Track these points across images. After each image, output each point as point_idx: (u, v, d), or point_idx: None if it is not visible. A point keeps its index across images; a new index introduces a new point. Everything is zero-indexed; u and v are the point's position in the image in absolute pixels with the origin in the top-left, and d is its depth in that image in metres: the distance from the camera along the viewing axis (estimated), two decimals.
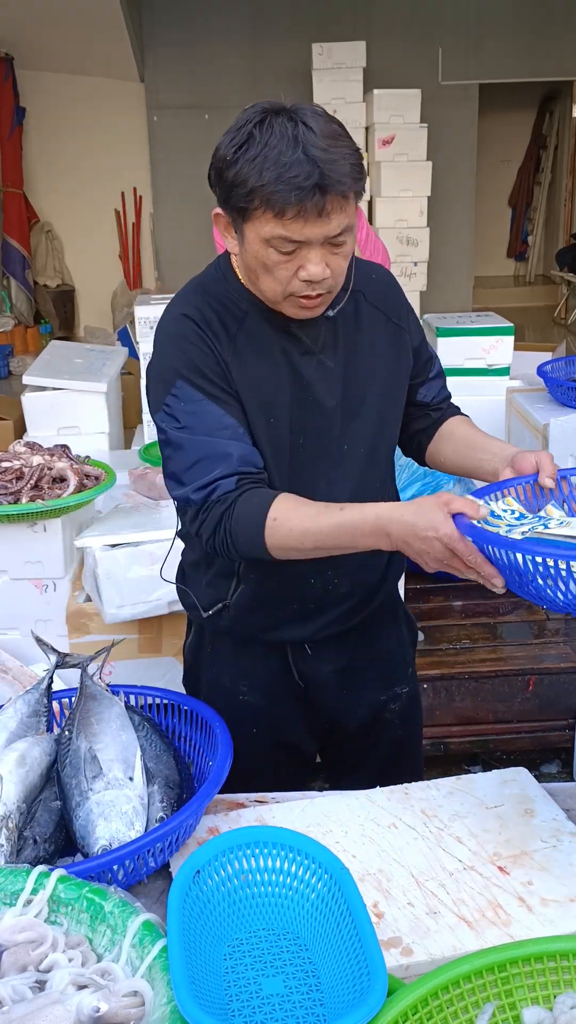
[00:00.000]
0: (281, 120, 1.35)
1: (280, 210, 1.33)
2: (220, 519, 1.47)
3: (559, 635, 3.01)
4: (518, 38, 7.83)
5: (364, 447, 1.61)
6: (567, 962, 1.08)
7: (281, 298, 1.45)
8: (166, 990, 0.95)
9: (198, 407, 1.48)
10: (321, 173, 1.31)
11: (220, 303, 1.53)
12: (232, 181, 1.36)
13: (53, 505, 2.56)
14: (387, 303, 1.63)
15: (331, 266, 1.41)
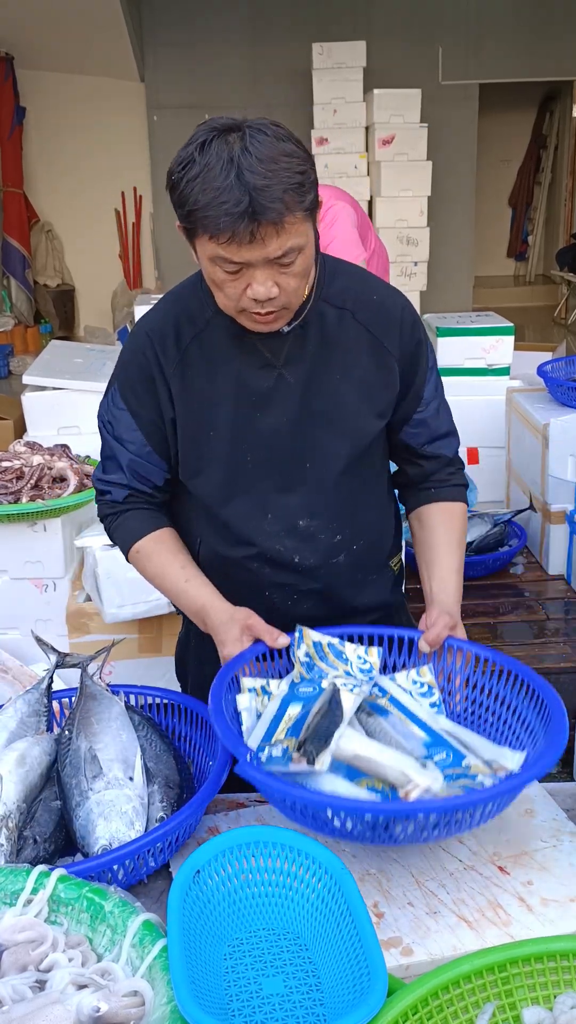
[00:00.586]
0: (223, 141, 1.33)
1: (213, 234, 1.34)
2: (106, 517, 1.72)
3: (559, 635, 3.01)
4: (518, 38, 7.84)
5: (334, 463, 1.59)
6: (567, 962, 1.08)
7: (236, 312, 1.46)
8: (166, 990, 0.95)
9: (119, 413, 1.62)
10: (251, 200, 1.30)
11: (186, 311, 1.56)
12: (176, 199, 1.38)
13: (53, 505, 2.56)
14: (381, 326, 1.59)
15: (280, 285, 1.40)
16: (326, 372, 1.57)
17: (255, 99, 7.85)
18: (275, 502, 1.60)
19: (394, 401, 1.64)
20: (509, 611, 3.15)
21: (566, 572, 3.13)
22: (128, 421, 1.61)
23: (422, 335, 1.66)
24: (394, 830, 1.25)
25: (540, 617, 3.11)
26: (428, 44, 7.75)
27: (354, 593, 1.70)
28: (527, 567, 3.32)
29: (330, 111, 7.06)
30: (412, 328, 1.63)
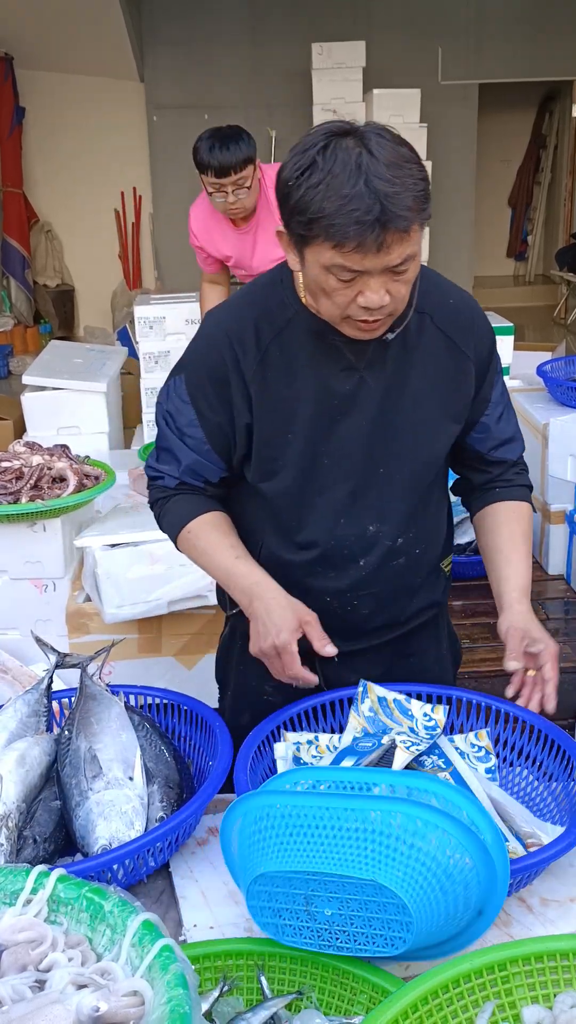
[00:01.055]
0: (345, 145, 1.30)
1: (339, 242, 1.30)
2: (157, 501, 1.67)
3: (559, 635, 3.01)
4: (518, 38, 7.83)
5: (406, 470, 1.58)
6: (567, 962, 1.08)
7: (339, 320, 1.42)
8: (166, 989, 0.95)
9: (180, 406, 1.58)
10: (382, 208, 1.27)
11: (266, 310, 1.52)
12: (294, 207, 1.33)
13: (53, 505, 2.56)
14: (456, 328, 1.57)
15: (392, 292, 1.37)
16: (406, 377, 1.54)
17: (255, 99, 7.84)
18: (347, 506, 1.58)
19: (469, 406, 1.62)
20: None
21: (566, 572, 3.13)
22: (191, 416, 1.57)
23: (494, 338, 1.65)
24: None
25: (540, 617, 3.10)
26: (428, 44, 7.74)
27: (409, 596, 1.69)
28: None
29: (330, 111, 7.05)
30: (487, 331, 1.63)
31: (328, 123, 1.36)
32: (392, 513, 1.60)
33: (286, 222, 1.37)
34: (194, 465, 1.59)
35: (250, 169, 3.36)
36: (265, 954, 1.19)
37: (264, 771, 1.52)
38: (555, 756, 1.53)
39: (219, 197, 3.39)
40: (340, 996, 1.15)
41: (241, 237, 3.62)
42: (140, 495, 3.18)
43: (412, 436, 1.56)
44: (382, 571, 1.62)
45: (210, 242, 3.68)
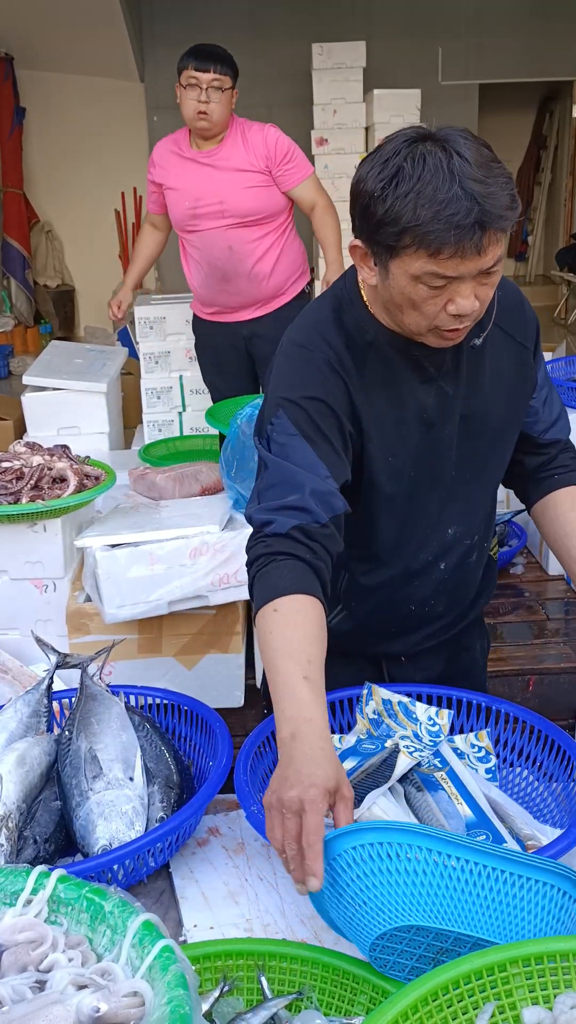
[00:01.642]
0: (431, 150, 1.27)
1: (436, 249, 1.26)
2: (256, 560, 1.41)
3: (559, 635, 3.01)
4: (518, 38, 7.83)
5: (477, 473, 1.59)
6: (567, 962, 1.08)
7: (425, 331, 1.39)
8: (166, 990, 0.95)
9: (289, 440, 1.44)
10: (481, 209, 1.24)
11: (346, 333, 1.48)
12: (381, 218, 1.28)
13: (53, 505, 2.56)
14: (514, 322, 1.57)
15: (480, 297, 1.35)
16: (478, 380, 1.53)
17: (255, 99, 7.83)
18: (436, 516, 1.58)
19: (531, 395, 1.62)
20: (509, 611, 3.15)
21: (566, 572, 3.13)
22: (304, 447, 1.43)
23: (538, 319, 1.63)
24: None
25: (540, 617, 3.11)
26: (428, 44, 7.74)
27: (474, 586, 1.72)
28: (527, 567, 3.32)
29: (330, 111, 7.06)
30: (533, 315, 1.62)
31: (402, 130, 1.32)
32: (472, 514, 1.62)
33: (368, 236, 1.33)
34: (318, 488, 1.41)
35: (229, 80, 3.45)
36: (265, 954, 1.19)
37: (264, 771, 1.52)
38: (555, 756, 1.53)
39: (192, 94, 3.42)
40: (340, 996, 1.15)
41: (201, 172, 3.58)
42: (140, 495, 3.18)
43: (489, 439, 1.57)
44: (458, 570, 1.65)
45: (165, 174, 3.66)
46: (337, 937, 1.28)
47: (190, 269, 3.80)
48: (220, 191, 3.56)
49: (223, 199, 3.55)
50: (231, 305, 3.78)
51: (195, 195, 3.59)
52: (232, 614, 2.61)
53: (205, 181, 3.58)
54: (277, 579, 1.36)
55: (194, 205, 3.59)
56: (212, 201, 3.56)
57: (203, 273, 3.72)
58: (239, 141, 3.58)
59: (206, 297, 3.81)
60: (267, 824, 1.17)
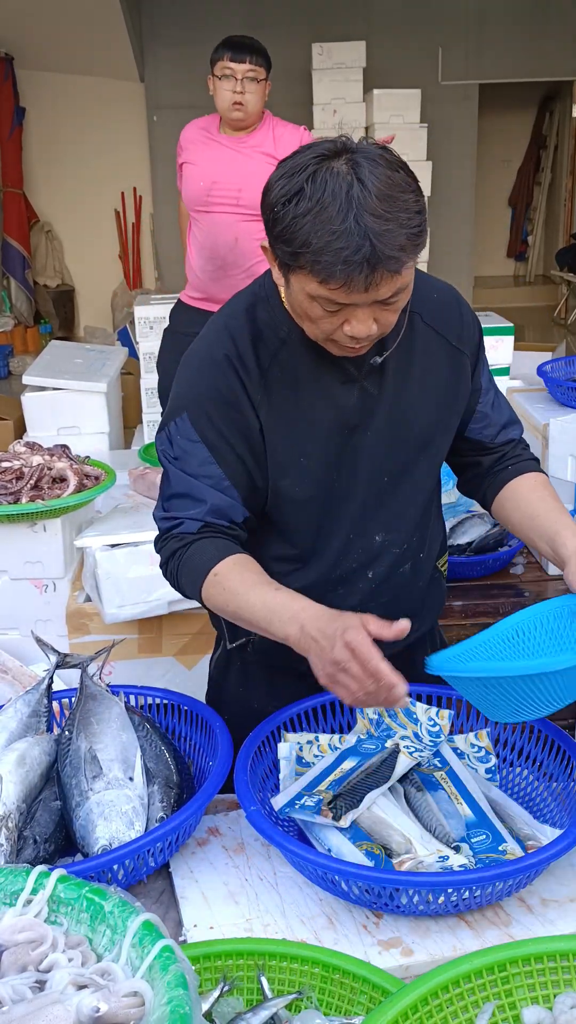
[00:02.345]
0: (336, 171, 1.22)
1: (325, 279, 1.24)
2: (173, 554, 1.48)
3: None
4: (518, 38, 7.83)
5: (405, 478, 1.54)
6: (567, 962, 1.08)
7: (324, 341, 1.38)
8: (166, 990, 0.95)
9: (190, 446, 1.46)
10: (372, 248, 1.20)
11: (257, 330, 1.45)
12: (279, 233, 1.27)
13: (53, 505, 2.56)
14: (447, 324, 1.53)
15: (380, 321, 1.32)
16: (406, 382, 1.50)
17: None
18: (357, 521, 1.54)
19: (467, 400, 1.59)
20: (509, 611, 3.14)
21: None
22: (204, 455, 1.45)
23: (480, 324, 1.61)
24: (399, 899, 1.28)
25: None
26: (428, 44, 7.74)
27: (416, 600, 1.66)
28: (527, 567, 3.31)
29: (330, 111, 7.06)
30: (474, 320, 1.59)
31: (319, 142, 1.27)
32: (399, 521, 1.57)
33: (271, 243, 1.31)
34: (218, 503, 1.46)
35: (263, 72, 3.44)
36: (265, 954, 1.19)
37: (264, 771, 1.52)
38: (555, 756, 1.53)
39: (227, 84, 3.41)
40: (340, 996, 1.15)
41: (225, 154, 3.54)
42: (140, 495, 3.17)
43: (417, 443, 1.53)
44: (390, 580, 1.59)
45: (190, 153, 3.61)
46: (337, 937, 1.28)
47: (193, 251, 3.73)
48: (240, 178, 3.51)
49: (241, 187, 3.50)
50: (220, 298, 3.73)
51: (213, 176, 3.54)
52: None
53: (227, 164, 3.54)
54: (200, 556, 1.44)
55: (210, 187, 3.54)
56: (230, 187, 3.51)
57: (204, 257, 3.66)
58: (270, 134, 3.56)
59: (200, 283, 3.73)
60: (338, 692, 1.29)
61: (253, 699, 1.69)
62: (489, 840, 1.38)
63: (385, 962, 1.23)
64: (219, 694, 1.78)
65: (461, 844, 1.38)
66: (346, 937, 1.28)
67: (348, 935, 1.29)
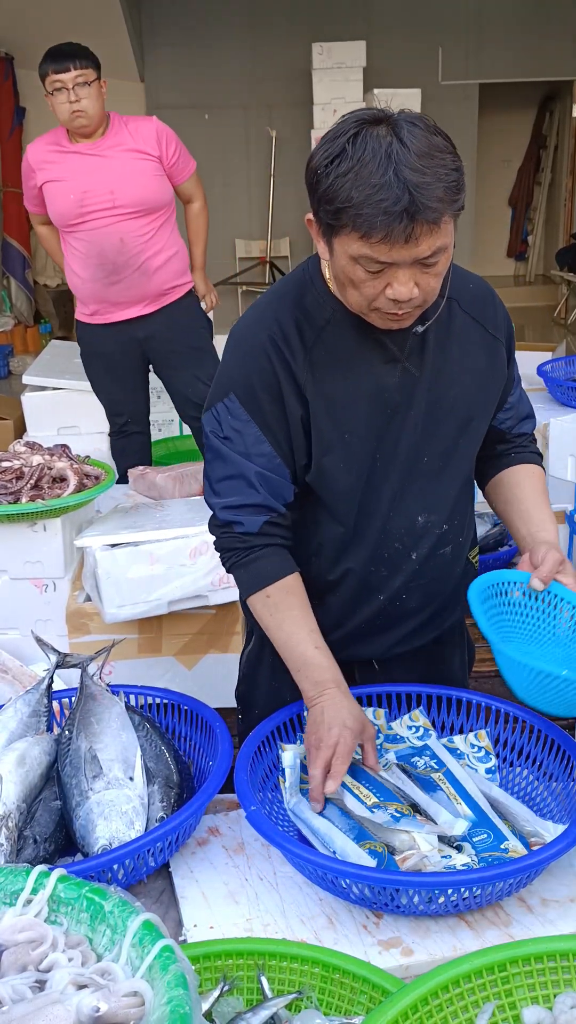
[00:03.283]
0: (377, 133, 1.27)
1: (366, 232, 1.28)
2: (233, 551, 1.57)
3: None
4: (518, 38, 7.84)
5: (443, 459, 1.57)
6: (567, 962, 1.08)
7: (367, 310, 1.40)
8: (166, 990, 0.95)
9: (242, 426, 1.50)
10: (411, 198, 1.24)
11: (302, 311, 1.49)
12: (322, 195, 1.31)
13: (53, 505, 2.56)
14: (483, 312, 1.58)
15: (420, 285, 1.35)
16: (445, 364, 1.53)
17: (255, 99, 7.84)
18: (399, 500, 1.56)
19: (503, 388, 1.62)
20: None
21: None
22: (255, 434, 1.50)
23: (510, 319, 1.64)
24: (399, 899, 1.28)
25: None
26: (428, 44, 7.75)
27: (450, 584, 1.68)
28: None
29: (330, 111, 7.06)
30: (505, 312, 1.63)
31: (360, 110, 1.32)
32: (440, 502, 1.60)
33: (315, 210, 1.35)
34: (273, 485, 1.52)
35: (93, 72, 3.35)
36: (265, 954, 1.19)
37: (264, 771, 1.52)
38: (555, 756, 1.53)
39: (61, 98, 3.33)
40: (340, 996, 1.15)
41: (88, 162, 3.45)
42: (140, 495, 3.17)
43: (455, 425, 1.56)
44: (431, 561, 1.62)
45: (46, 173, 3.49)
46: (337, 937, 1.28)
47: (74, 266, 3.63)
48: (110, 181, 3.45)
49: (113, 189, 3.44)
50: (119, 301, 3.63)
51: (82, 187, 3.45)
52: (232, 614, 2.61)
53: (93, 171, 3.45)
54: (259, 568, 1.54)
55: (81, 198, 3.45)
56: (102, 192, 3.44)
57: (91, 267, 3.56)
58: (124, 130, 3.49)
59: (91, 294, 3.65)
60: (310, 759, 1.45)
61: (285, 691, 1.68)
62: (491, 839, 1.38)
63: (385, 962, 1.23)
64: (251, 688, 1.81)
65: (463, 844, 1.38)
66: (346, 937, 1.28)
67: (348, 935, 1.29)
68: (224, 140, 7.99)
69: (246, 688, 1.82)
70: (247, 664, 1.82)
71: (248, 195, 8.17)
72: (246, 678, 1.83)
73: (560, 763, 1.52)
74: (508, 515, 1.68)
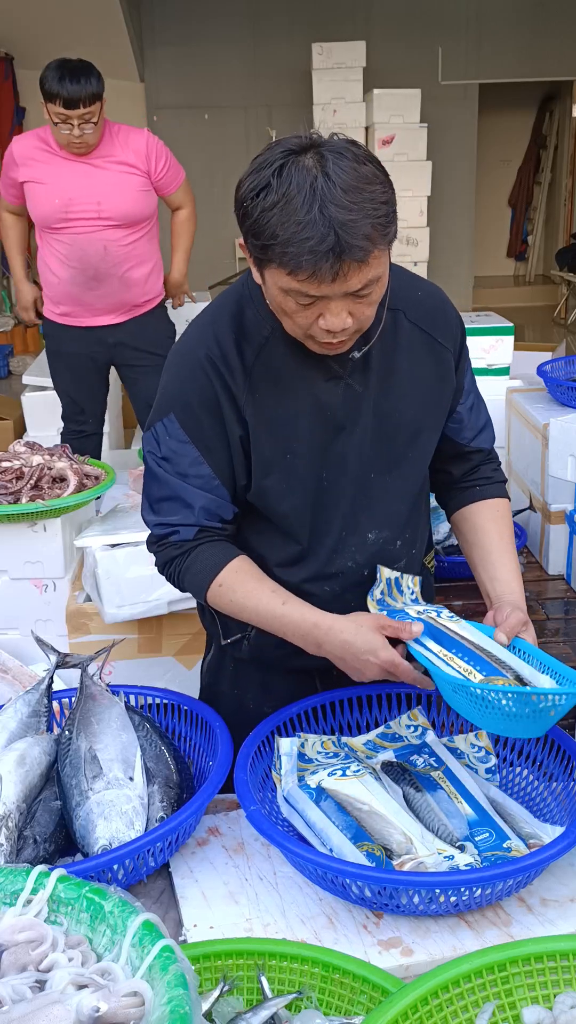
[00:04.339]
0: (303, 165, 1.24)
1: (292, 270, 1.26)
2: (172, 560, 1.55)
3: (559, 635, 3.00)
4: (518, 38, 7.84)
5: (394, 474, 1.55)
6: (567, 962, 1.08)
7: (303, 337, 1.39)
8: (166, 990, 0.95)
9: (179, 447, 1.48)
10: (337, 238, 1.22)
11: (241, 328, 1.46)
12: (248, 228, 1.28)
13: (53, 505, 2.56)
14: (432, 322, 1.54)
15: (354, 315, 1.33)
16: (391, 377, 1.50)
17: (255, 99, 7.84)
18: (348, 517, 1.55)
19: (451, 398, 1.60)
20: None
21: (566, 572, 3.13)
22: (193, 455, 1.47)
23: (463, 324, 1.62)
24: (399, 899, 1.28)
25: (540, 617, 3.11)
26: (428, 44, 7.75)
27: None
28: (527, 567, 3.31)
29: (330, 111, 7.07)
30: (457, 318, 1.60)
31: (288, 138, 1.29)
32: (391, 518, 1.58)
33: (244, 239, 1.33)
34: (208, 505, 1.50)
35: (98, 105, 3.33)
36: (265, 954, 1.19)
37: (264, 771, 1.52)
38: (555, 756, 1.53)
39: (64, 129, 3.31)
40: (340, 996, 1.15)
41: (77, 169, 3.42)
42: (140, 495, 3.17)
43: (405, 439, 1.54)
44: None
45: (31, 171, 3.45)
46: (337, 937, 1.28)
47: (52, 265, 3.60)
48: (98, 191, 3.43)
49: (100, 200, 3.43)
50: (94, 307, 3.61)
51: (67, 194, 3.42)
52: None
53: (80, 181, 3.42)
54: (203, 563, 1.51)
55: (66, 204, 3.43)
56: (88, 201, 3.42)
57: (71, 270, 3.53)
58: (114, 141, 3.47)
59: (67, 295, 3.60)
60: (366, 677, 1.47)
61: (248, 699, 1.70)
62: (493, 838, 1.39)
63: (385, 962, 1.24)
64: (213, 697, 1.78)
65: (465, 843, 1.38)
66: (346, 937, 1.28)
67: (348, 935, 1.29)
68: (224, 140, 8.00)
69: (209, 697, 1.78)
70: (208, 674, 1.80)
71: None
72: (208, 688, 1.80)
73: (560, 763, 1.52)
74: (473, 563, 1.67)
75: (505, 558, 1.63)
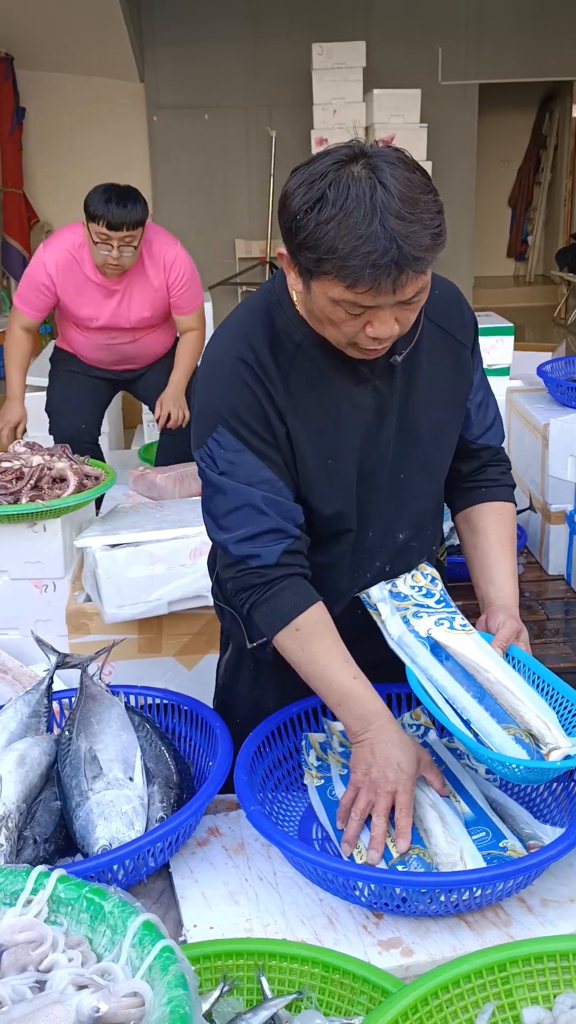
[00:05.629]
0: (357, 175, 1.23)
1: (352, 283, 1.25)
2: (252, 588, 1.48)
3: (559, 635, 3.00)
4: (518, 38, 7.84)
5: (420, 474, 1.56)
6: (567, 962, 1.08)
7: (344, 345, 1.38)
8: (166, 990, 0.95)
9: (237, 456, 1.44)
10: (399, 250, 1.22)
11: (272, 335, 1.45)
12: (302, 241, 1.26)
13: (53, 505, 2.56)
14: (450, 319, 1.55)
15: (400, 320, 1.33)
16: (414, 378, 1.51)
17: (255, 99, 7.84)
18: (383, 520, 1.55)
19: (468, 394, 1.61)
20: None
21: (566, 572, 3.13)
22: (252, 462, 1.44)
23: (476, 320, 1.62)
24: (399, 899, 1.28)
25: (540, 617, 3.11)
26: (428, 44, 7.75)
27: None
28: (527, 567, 3.31)
29: (330, 111, 7.07)
30: (472, 314, 1.60)
31: (335, 149, 1.28)
32: (419, 517, 1.60)
33: (291, 251, 1.31)
34: (282, 508, 1.46)
35: (140, 231, 3.35)
36: (265, 954, 1.19)
37: (264, 771, 1.52)
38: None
39: (104, 249, 3.33)
40: (340, 996, 1.15)
41: (104, 294, 3.47)
42: (140, 495, 3.17)
43: (429, 438, 1.55)
44: (403, 570, 1.62)
45: (64, 290, 3.50)
46: (337, 937, 1.28)
47: (74, 341, 3.66)
48: (128, 312, 3.50)
49: (131, 317, 3.52)
50: (108, 361, 3.70)
51: (97, 315, 3.50)
52: None
53: (116, 306, 3.49)
54: (283, 602, 1.46)
55: (97, 320, 3.51)
56: (119, 320, 3.51)
57: (100, 350, 3.62)
58: (144, 259, 3.47)
59: (88, 355, 3.68)
60: (349, 797, 1.40)
61: (268, 699, 1.68)
62: (489, 837, 1.39)
63: (385, 962, 1.24)
64: (230, 697, 1.77)
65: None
66: (346, 937, 1.28)
67: (348, 935, 1.29)
68: (224, 140, 8.00)
69: (226, 697, 1.78)
70: (226, 673, 1.79)
71: (248, 195, 8.18)
72: (225, 687, 1.79)
73: None
74: (471, 564, 1.67)
75: (503, 562, 1.63)
